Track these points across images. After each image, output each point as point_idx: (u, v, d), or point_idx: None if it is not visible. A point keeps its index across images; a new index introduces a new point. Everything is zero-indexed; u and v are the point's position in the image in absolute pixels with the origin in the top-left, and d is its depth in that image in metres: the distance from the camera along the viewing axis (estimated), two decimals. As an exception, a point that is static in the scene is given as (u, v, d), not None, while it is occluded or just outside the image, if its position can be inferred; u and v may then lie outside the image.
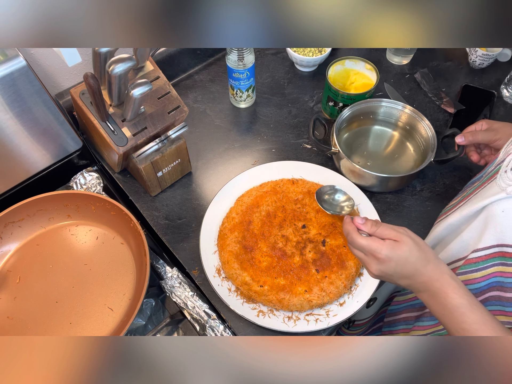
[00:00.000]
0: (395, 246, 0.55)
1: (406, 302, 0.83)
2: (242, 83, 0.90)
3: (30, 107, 0.71)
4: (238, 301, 0.71)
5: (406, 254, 0.54)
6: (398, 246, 0.55)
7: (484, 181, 0.64)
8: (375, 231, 0.57)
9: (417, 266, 0.54)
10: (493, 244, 0.60)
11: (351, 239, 0.58)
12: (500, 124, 0.75)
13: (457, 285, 0.53)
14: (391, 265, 0.55)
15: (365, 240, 0.56)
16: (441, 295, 0.53)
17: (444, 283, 0.53)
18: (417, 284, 0.56)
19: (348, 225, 0.60)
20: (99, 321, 0.72)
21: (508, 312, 0.63)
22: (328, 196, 0.75)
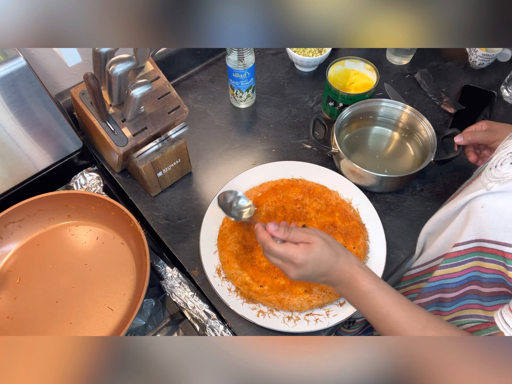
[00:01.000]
0: (308, 249, 0.57)
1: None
2: (242, 83, 0.90)
3: (30, 107, 0.71)
4: (238, 301, 0.71)
5: (319, 255, 0.57)
6: (312, 248, 0.57)
7: (472, 178, 0.66)
8: (288, 236, 0.59)
9: (330, 263, 0.57)
10: (473, 239, 0.61)
11: (268, 248, 0.59)
12: (500, 125, 0.75)
13: (365, 273, 0.57)
14: (308, 267, 0.57)
15: (281, 248, 0.58)
16: (354, 284, 0.57)
17: (353, 272, 0.57)
18: (332, 278, 0.59)
19: (262, 233, 0.60)
20: (99, 321, 0.72)
21: (485, 307, 0.65)
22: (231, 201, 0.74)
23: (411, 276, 0.79)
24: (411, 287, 0.79)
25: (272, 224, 0.60)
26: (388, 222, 0.81)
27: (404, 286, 0.82)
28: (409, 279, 0.80)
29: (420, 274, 0.76)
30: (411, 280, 0.79)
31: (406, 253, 0.78)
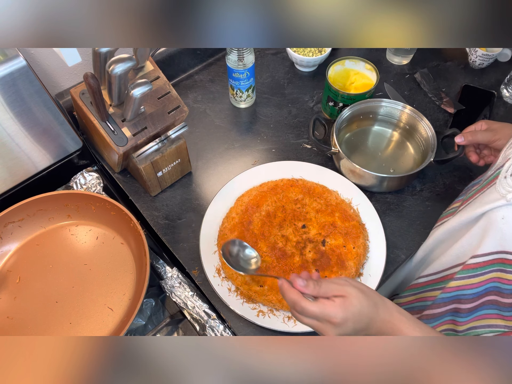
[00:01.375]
0: (346, 304, 0.51)
1: (405, 304, 0.83)
2: (242, 83, 0.90)
3: (30, 107, 0.71)
4: (238, 301, 0.71)
5: (358, 308, 0.51)
6: (349, 303, 0.51)
7: (483, 185, 0.64)
8: (319, 291, 0.52)
9: (370, 315, 0.52)
10: (493, 250, 0.60)
11: (301, 308, 0.52)
12: (500, 125, 0.75)
13: (406, 320, 0.52)
14: (349, 325, 0.51)
15: (317, 307, 0.51)
16: (397, 333, 0.52)
17: (395, 321, 0.52)
18: (372, 331, 0.53)
19: (291, 292, 0.53)
20: (99, 321, 0.72)
21: (506, 317, 0.63)
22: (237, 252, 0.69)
23: (422, 284, 0.77)
24: (423, 295, 0.78)
25: (300, 280, 0.53)
26: (388, 222, 0.81)
27: (414, 293, 0.80)
28: (420, 286, 0.78)
29: (432, 283, 0.74)
30: (422, 288, 0.78)
31: (406, 253, 0.78)
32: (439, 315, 0.73)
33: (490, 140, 0.74)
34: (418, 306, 0.79)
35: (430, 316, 0.74)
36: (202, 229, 0.78)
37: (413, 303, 0.81)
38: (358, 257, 0.74)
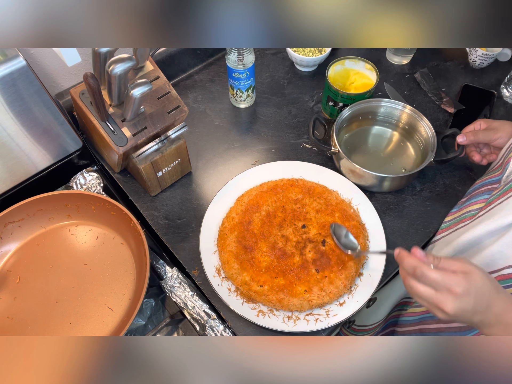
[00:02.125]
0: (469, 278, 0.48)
1: (424, 313, 0.81)
2: (242, 83, 0.90)
3: (30, 107, 0.71)
4: (238, 301, 0.71)
5: (481, 286, 0.49)
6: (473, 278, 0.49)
7: (504, 190, 0.61)
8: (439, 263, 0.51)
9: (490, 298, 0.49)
10: None
11: (421, 273, 0.50)
12: (499, 123, 0.75)
13: None
14: (470, 300, 0.48)
15: (439, 273, 0.49)
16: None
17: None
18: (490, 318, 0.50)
19: (410, 258, 0.52)
20: (99, 321, 0.72)
21: None
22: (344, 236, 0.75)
23: None
24: None
25: (420, 250, 0.52)
26: (388, 222, 0.81)
27: None
28: None
29: None
30: None
31: (406, 253, 0.78)
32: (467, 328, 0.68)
33: (491, 138, 0.74)
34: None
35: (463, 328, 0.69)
36: (202, 229, 0.78)
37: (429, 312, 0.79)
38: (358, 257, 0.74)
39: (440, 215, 0.81)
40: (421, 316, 0.82)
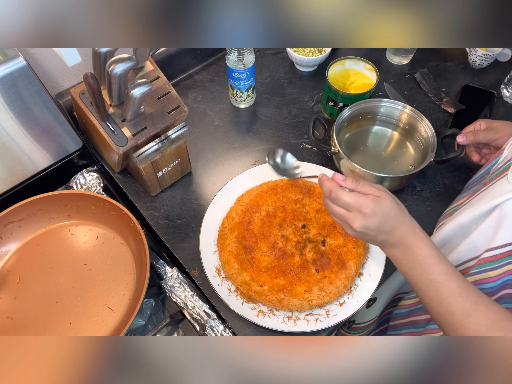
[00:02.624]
0: (379, 200, 0.55)
1: (414, 305, 0.82)
2: (242, 83, 0.90)
3: (30, 107, 0.71)
4: (238, 301, 0.71)
5: (388, 209, 0.55)
6: (382, 201, 0.55)
7: (491, 177, 0.63)
8: (356, 187, 0.57)
9: (395, 221, 0.56)
10: (508, 242, 0.59)
11: (336, 195, 0.56)
12: (499, 123, 0.75)
13: (426, 238, 0.56)
14: (375, 220, 0.55)
15: (351, 196, 0.56)
16: (413, 248, 0.55)
17: (416, 236, 0.56)
18: (392, 239, 0.57)
19: (328, 182, 0.58)
20: (99, 321, 0.72)
21: None
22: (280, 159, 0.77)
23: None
24: None
25: (339, 174, 0.59)
26: (388, 222, 0.81)
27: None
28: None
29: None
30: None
31: (406, 253, 0.78)
32: None
33: (491, 139, 0.74)
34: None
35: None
36: (202, 229, 0.78)
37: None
38: (358, 257, 0.74)
39: (440, 215, 0.81)
40: (411, 308, 0.83)
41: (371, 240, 0.59)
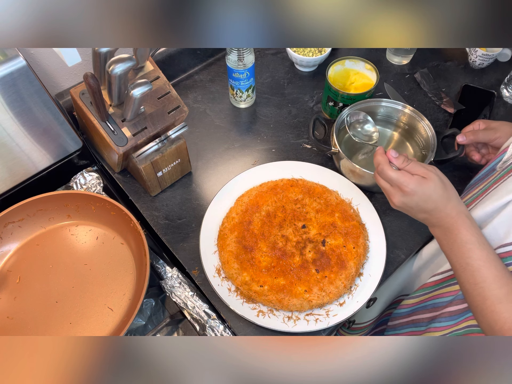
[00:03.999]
0: (422, 181, 0.58)
1: (416, 304, 0.82)
2: (242, 83, 0.90)
3: (30, 107, 0.71)
4: (238, 301, 0.71)
5: (430, 191, 0.58)
6: (425, 182, 0.58)
7: (502, 174, 0.64)
8: (406, 166, 0.61)
9: (437, 204, 0.59)
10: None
11: (381, 169, 0.61)
12: (498, 123, 0.75)
13: (470, 224, 0.58)
14: (414, 199, 0.59)
15: (395, 173, 0.60)
16: (454, 231, 0.58)
17: (459, 220, 0.58)
18: (433, 219, 0.60)
19: (380, 156, 0.63)
20: (99, 321, 0.72)
21: None
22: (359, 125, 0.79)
23: (437, 282, 0.75)
24: (439, 292, 0.75)
25: (393, 151, 0.62)
26: (388, 222, 0.81)
27: (428, 292, 0.78)
28: (434, 284, 0.76)
29: (450, 278, 0.72)
30: (437, 285, 0.76)
31: (406, 253, 0.78)
32: (463, 310, 0.71)
33: (490, 138, 0.74)
34: (434, 303, 0.77)
35: (453, 313, 0.72)
36: (202, 229, 0.78)
37: (425, 302, 0.79)
38: (358, 257, 0.74)
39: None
40: (413, 308, 0.83)
41: (413, 215, 0.63)
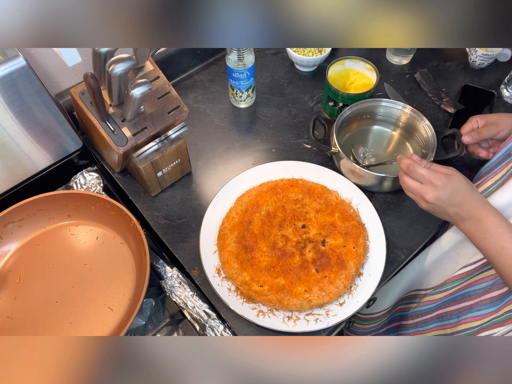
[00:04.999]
0: (449, 176, 0.63)
1: (443, 298, 0.81)
2: (242, 83, 0.90)
3: (30, 107, 0.71)
4: (238, 301, 0.71)
5: (458, 184, 0.63)
6: (452, 177, 0.63)
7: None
8: (430, 166, 0.66)
9: (465, 195, 0.63)
10: None
11: (413, 168, 0.65)
12: (495, 116, 0.76)
13: (495, 211, 0.62)
14: (446, 192, 0.62)
15: (425, 170, 0.64)
16: (484, 220, 0.62)
17: (485, 209, 0.62)
18: (463, 212, 0.63)
19: (406, 159, 0.67)
20: (99, 321, 0.72)
21: None
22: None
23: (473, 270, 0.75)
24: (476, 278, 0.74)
25: (416, 155, 0.67)
26: (388, 222, 0.81)
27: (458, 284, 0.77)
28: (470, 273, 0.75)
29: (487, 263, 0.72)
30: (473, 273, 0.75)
31: (406, 253, 0.78)
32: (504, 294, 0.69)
33: (494, 133, 0.75)
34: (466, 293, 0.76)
35: (494, 298, 0.70)
36: (202, 229, 0.78)
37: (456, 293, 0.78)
38: (358, 257, 0.74)
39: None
40: (439, 302, 0.83)
41: (443, 212, 0.65)
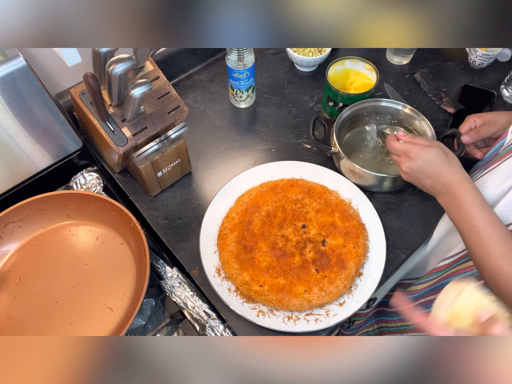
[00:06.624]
0: (424, 148, 0.65)
1: (425, 288, 0.83)
2: (242, 83, 0.90)
3: (30, 107, 0.71)
4: (238, 301, 0.71)
5: (432, 155, 0.64)
6: (427, 148, 0.65)
7: (502, 153, 0.66)
8: (413, 140, 0.68)
9: (440, 168, 0.64)
10: None
11: (389, 145, 0.70)
12: (492, 115, 0.76)
13: (474, 189, 0.63)
14: (418, 162, 0.65)
15: (400, 144, 0.68)
16: (459, 196, 0.63)
17: (463, 185, 0.63)
18: (439, 185, 0.65)
19: (389, 136, 0.71)
20: (99, 321, 0.72)
21: None
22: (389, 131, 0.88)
23: (451, 263, 0.76)
24: (453, 270, 0.75)
25: (402, 131, 0.72)
26: (388, 222, 0.81)
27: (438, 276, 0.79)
28: (448, 266, 0.77)
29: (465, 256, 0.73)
30: (451, 266, 0.76)
31: (406, 253, 0.78)
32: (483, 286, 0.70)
33: (492, 132, 0.75)
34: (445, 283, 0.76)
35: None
36: (202, 229, 0.78)
37: (436, 284, 0.79)
38: (358, 257, 0.74)
39: (440, 215, 0.81)
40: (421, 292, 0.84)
41: (419, 184, 0.68)
